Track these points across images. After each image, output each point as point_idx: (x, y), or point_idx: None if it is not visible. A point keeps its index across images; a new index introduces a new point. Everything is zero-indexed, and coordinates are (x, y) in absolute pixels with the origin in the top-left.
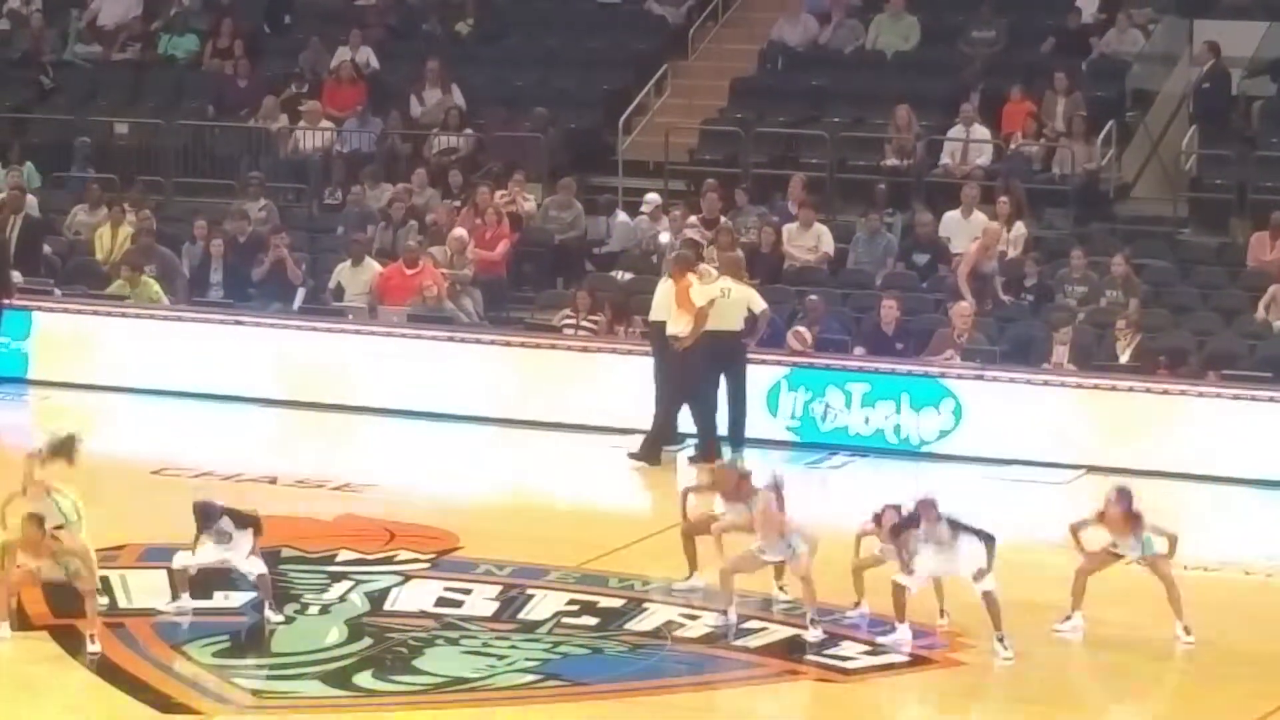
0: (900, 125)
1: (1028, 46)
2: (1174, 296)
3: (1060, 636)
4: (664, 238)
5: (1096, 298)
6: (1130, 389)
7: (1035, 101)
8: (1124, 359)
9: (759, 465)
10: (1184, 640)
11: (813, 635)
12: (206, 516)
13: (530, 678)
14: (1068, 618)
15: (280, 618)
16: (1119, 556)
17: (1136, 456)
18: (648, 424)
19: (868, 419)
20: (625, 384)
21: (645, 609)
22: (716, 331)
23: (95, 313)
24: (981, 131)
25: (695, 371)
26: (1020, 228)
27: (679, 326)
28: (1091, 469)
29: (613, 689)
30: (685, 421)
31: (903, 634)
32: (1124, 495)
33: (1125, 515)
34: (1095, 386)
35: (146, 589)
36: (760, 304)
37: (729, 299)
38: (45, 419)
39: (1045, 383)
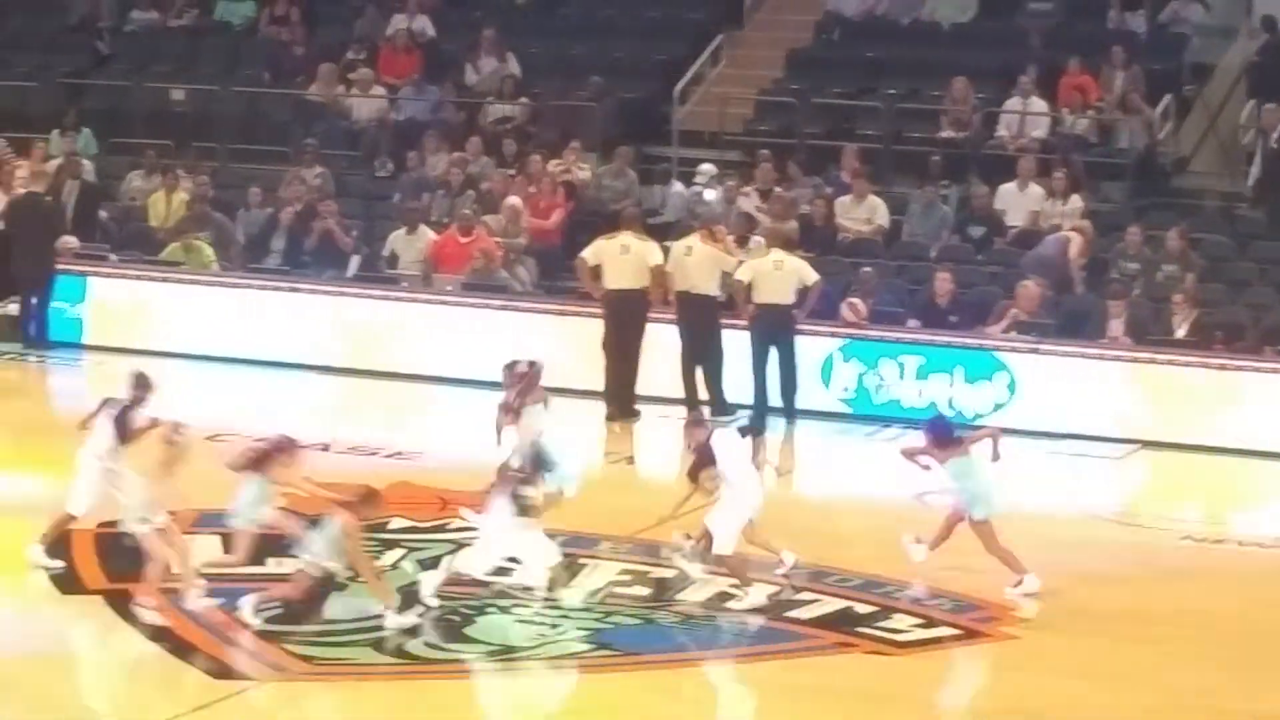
0: (957, 97)
1: (1086, 19)
2: (1231, 271)
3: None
4: (709, 195)
5: (1153, 272)
6: (1186, 364)
7: (1093, 74)
8: (1180, 333)
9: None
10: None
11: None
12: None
13: (581, 647)
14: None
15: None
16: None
17: (1191, 431)
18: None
19: (921, 391)
20: (676, 353)
21: (697, 580)
22: (767, 304)
23: (150, 278)
24: (1038, 104)
25: (708, 333)
26: (1076, 201)
27: (707, 284)
28: (1146, 444)
29: (664, 659)
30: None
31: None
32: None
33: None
34: (1151, 361)
35: (201, 554)
36: (812, 276)
37: (780, 271)
38: (100, 384)
39: (1100, 357)
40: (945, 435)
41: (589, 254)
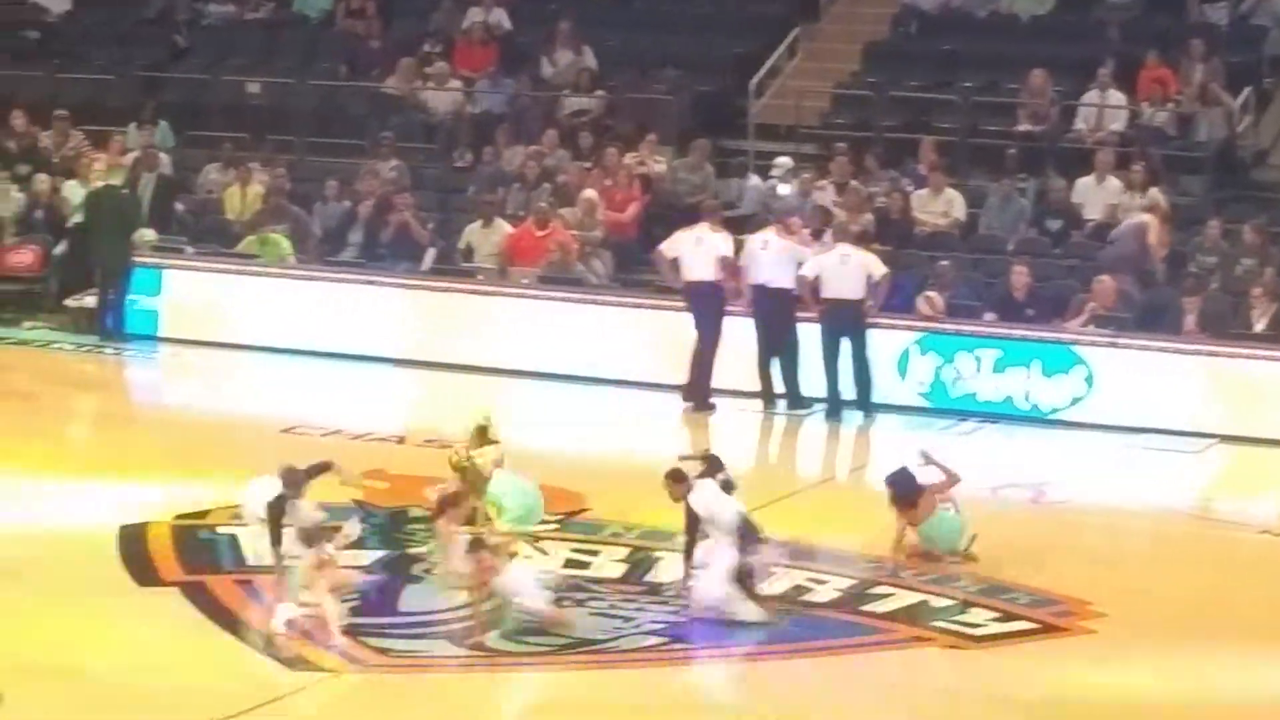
0: (1034, 90)
1: (1164, 11)
2: None
3: None
4: (783, 189)
5: (1231, 266)
6: (1265, 358)
7: (1172, 67)
8: (1259, 327)
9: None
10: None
11: None
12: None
13: (656, 640)
14: None
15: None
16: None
17: (1269, 426)
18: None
19: (998, 385)
20: (753, 347)
21: (773, 573)
22: (836, 299)
23: (226, 271)
24: (1117, 97)
25: (784, 327)
26: (1154, 194)
27: (782, 278)
28: (1223, 438)
29: (738, 653)
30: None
31: None
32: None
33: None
34: (1229, 355)
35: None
36: (880, 269)
37: (847, 265)
38: (176, 376)
39: (1178, 351)
40: (908, 492)
41: (665, 246)
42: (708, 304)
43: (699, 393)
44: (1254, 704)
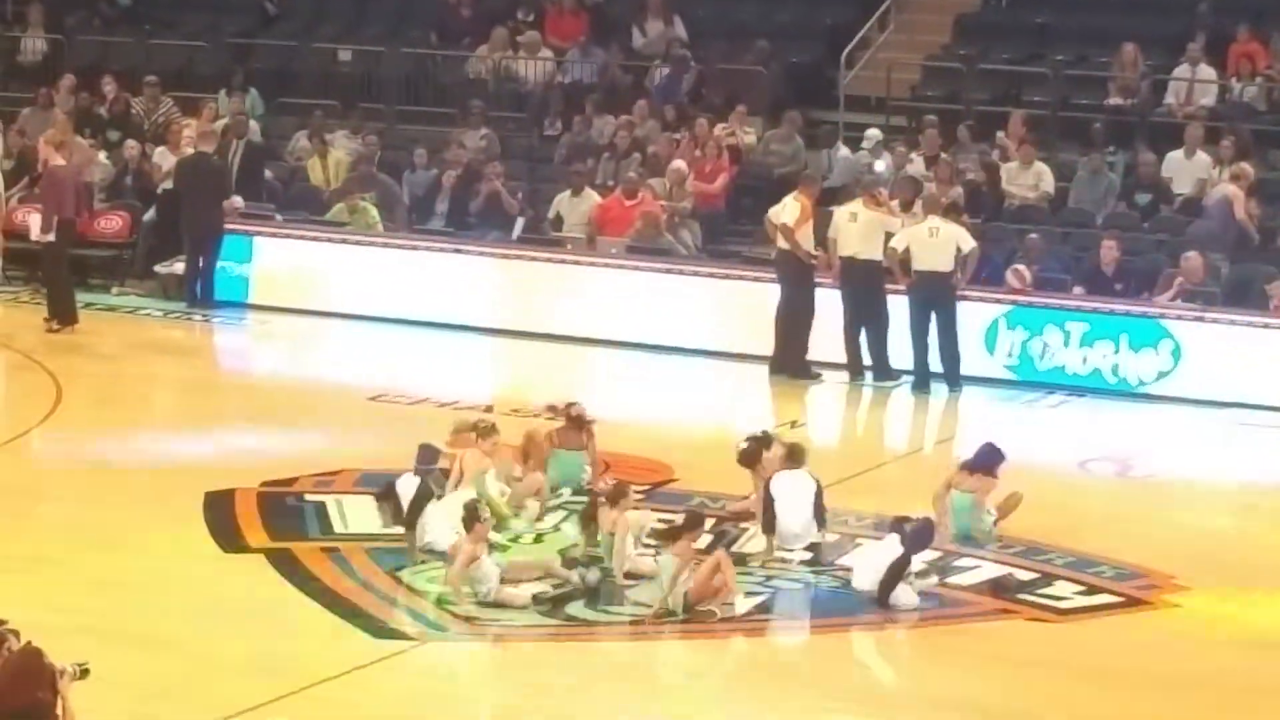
0: (1125, 63)
1: None
2: None
3: None
4: (879, 166)
5: None
6: None
7: (1262, 42)
8: None
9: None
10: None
11: None
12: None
13: (741, 610)
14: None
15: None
16: None
17: None
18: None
19: (1085, 359)
20: (840, 319)
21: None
22: (925, 271)
23: (315, 239)
24: (1207, 71)
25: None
26: (1244, 169)
27: (871, 250)
28: None
29: (824, 624)
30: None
31: None
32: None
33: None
34: None
35: (362, 515)
36: (969, 242)
37: (936, 238)
38: (265, 343)
39: (1266, 325)
40: (990, 463)
41: (771, 212)
42: (786, 272)
43: (792, 361)
44: None
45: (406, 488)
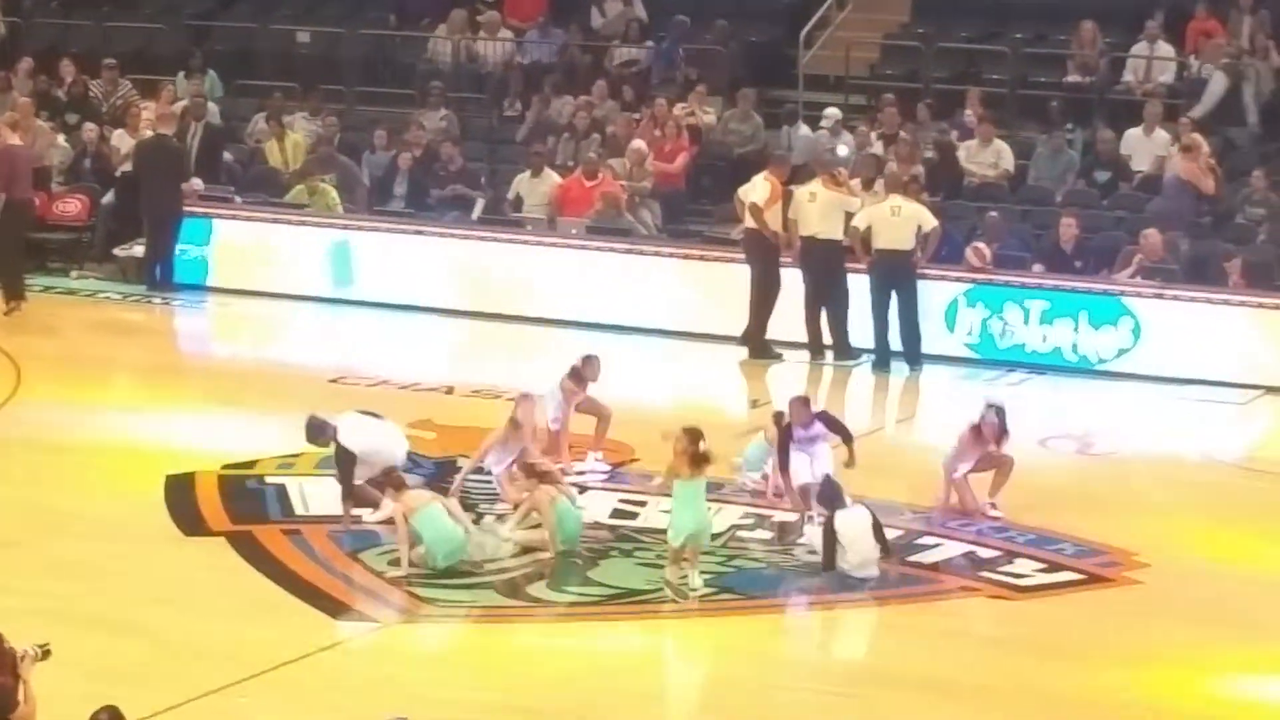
0: (1084, 41)
1: None
2: None
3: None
4: (842, 151)
5: (1278, 218)
6: None
7: (1220, 19)
8: None
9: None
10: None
11: None
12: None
13: (703, 590)
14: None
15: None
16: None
17: None
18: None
19: (1046, 336)
20: (803, 298)
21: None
22: (886, 250)
23: (275, 220)
24: (1165, 49)
25: (832, 278)
26: (1192, 138)
27: (830, 229)
28: (1270, 389)
29: (785, 603)
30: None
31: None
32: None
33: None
34: (1276, 306)
35: (322, 497)
36: (931, 221)
37: (898, 217)
38: (225, 326)
39: (1226, 302)
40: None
41: (740, 191)
42: (751, 251)
43: (756, 340)
44: None
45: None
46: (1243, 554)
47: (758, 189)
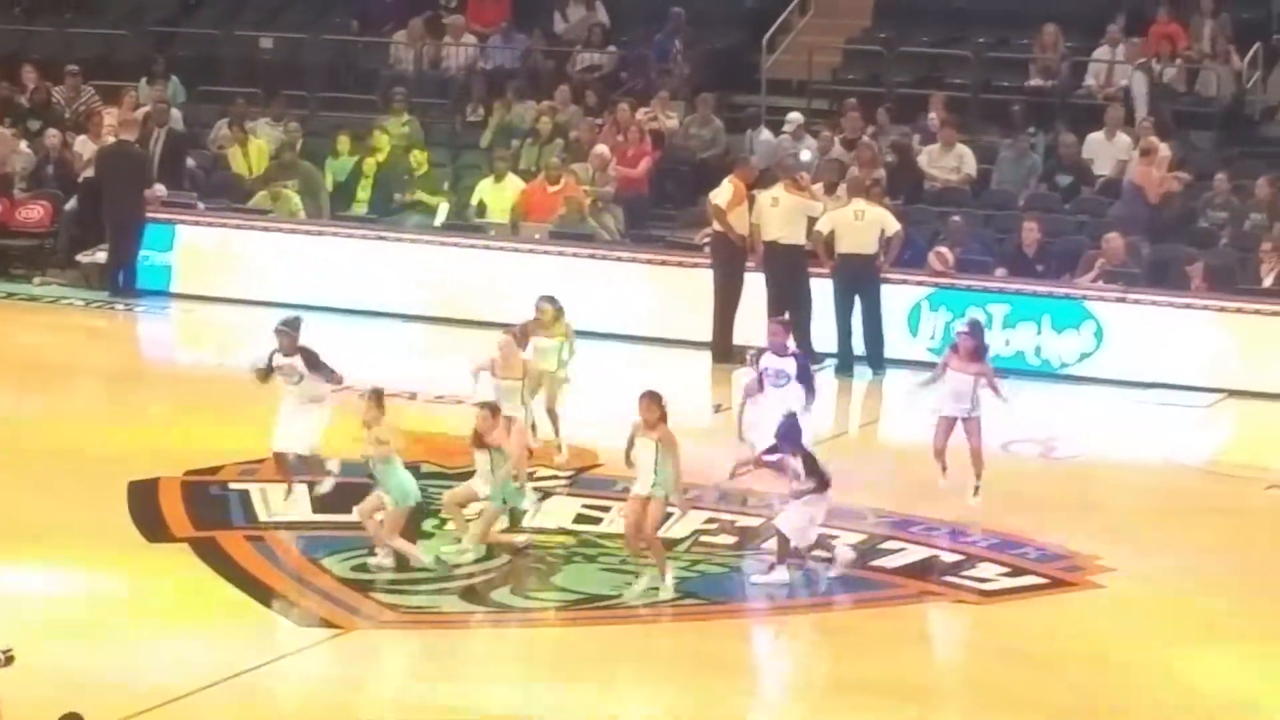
0: (1045, 45)
1: None
2: None
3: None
4: (805, 156)
5: (1240, 221)
6: (1273, 312)
7: (1181, 23)
8: (1267, 282)
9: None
10: (971, 501)
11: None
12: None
13: (667, 595)
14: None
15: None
16: (955, 420)
17: (1278, 381)
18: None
19: (1008, 340)
20: (764, 302)
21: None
22: (849, 254)
23: (238, 226)
24: (1127, 52)
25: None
26: (1164, 150)
27: (793, 234)
28: (1232, 393)
29: (748, 608)
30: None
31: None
32: (976, 327)
33: (974, 349)
34: (1238, 310)
35: (287, 503)
36: (894, 225)
37: (862, 221)
38: (188, 332)
39: (1187, 305)
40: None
41: (711, 194)
42: (717, 255)
43: (720, 344)
44: (1259, 657)
45: None
46: (1204, 558)
47: (722, 191)
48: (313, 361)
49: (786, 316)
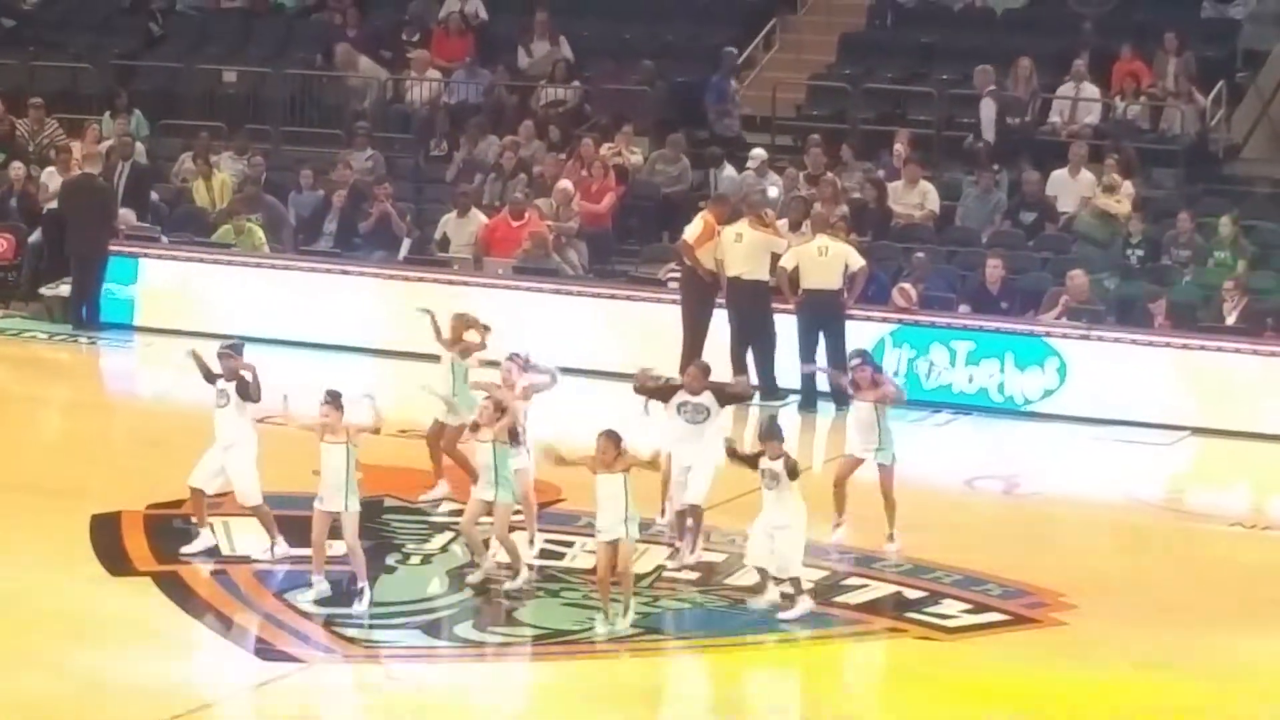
0: (1019, 79)
1: (1138, 5)
2: None
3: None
4: (773, 192)
5: (1204, 259)
6: (1236, 351)
7: (1146, 60)
8: (1231, 320)
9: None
10: (887, 547)
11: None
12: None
13: (629, 631)
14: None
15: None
16: (860, 460)
17: (1241, 419)
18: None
19: (972, 377)
20: (727, 339)
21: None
22: (813, 289)
23: (201, 260)
24: (1091, 90)
25: (758, 318)
26: (1128, 188)
27: (756, 270)
28: (1195, 430)
29: (712, 644)
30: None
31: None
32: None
33: (870, 377)
34: (1201, 348)
35: (249, 537)
36: (858, 261)
37: (826, 257)
38: (152, 365)
39: (1150, 344)
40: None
41: (685, 230)
42: (687, 289)
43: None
44: (1220, 694)
45: None
46: (1167, 596)
47: (692, 226)
48: (244, 391)
49: (705, 364)
